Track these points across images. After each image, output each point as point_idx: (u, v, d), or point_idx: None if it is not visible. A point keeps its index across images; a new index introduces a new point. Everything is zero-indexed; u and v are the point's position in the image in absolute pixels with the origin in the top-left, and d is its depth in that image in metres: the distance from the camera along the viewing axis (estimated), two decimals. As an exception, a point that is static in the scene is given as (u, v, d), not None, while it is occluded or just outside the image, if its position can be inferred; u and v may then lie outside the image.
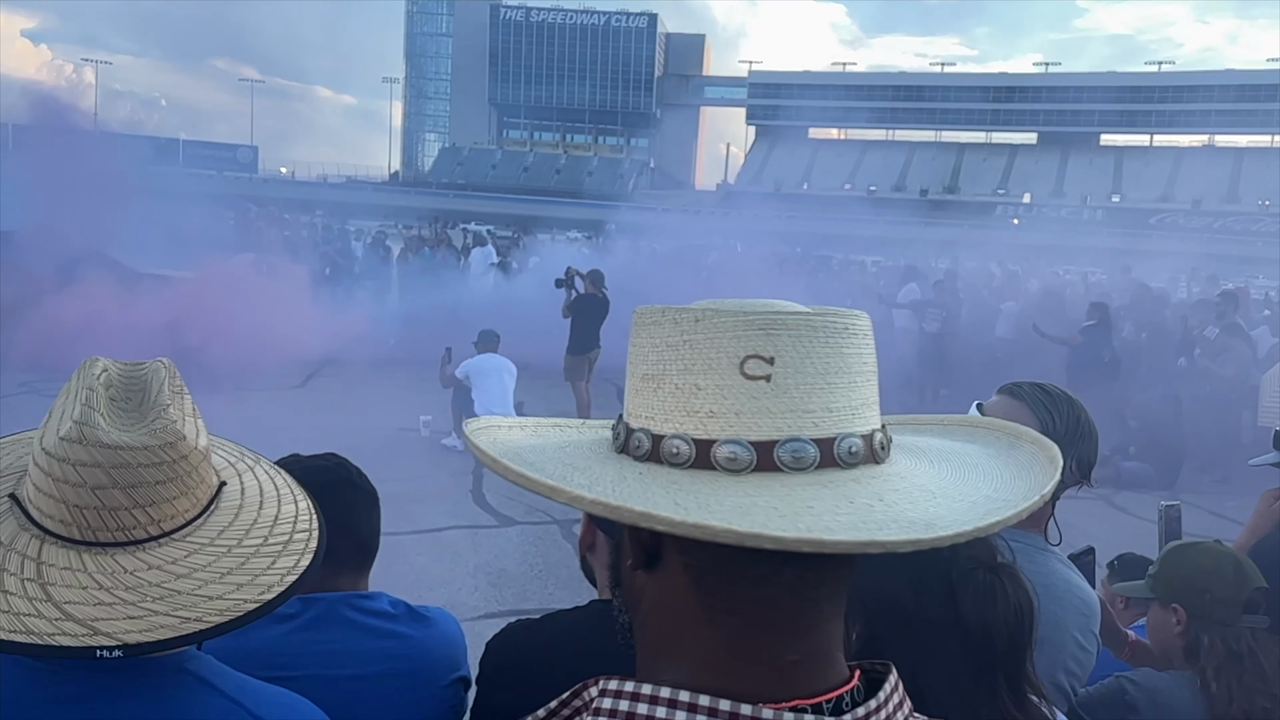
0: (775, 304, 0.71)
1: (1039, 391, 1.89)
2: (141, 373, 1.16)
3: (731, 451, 0.66)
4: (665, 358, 0.70)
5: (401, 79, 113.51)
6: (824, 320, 0.68)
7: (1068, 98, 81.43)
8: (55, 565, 1.03)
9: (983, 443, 0.80)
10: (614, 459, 0.72)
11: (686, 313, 0.69)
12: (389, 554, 5.74)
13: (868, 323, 0.71)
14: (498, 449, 0.73)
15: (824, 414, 0.67)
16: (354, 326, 11.37)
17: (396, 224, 32.64)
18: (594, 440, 0.78)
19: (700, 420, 0.67)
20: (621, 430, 0.73)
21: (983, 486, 0.70)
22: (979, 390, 9.09)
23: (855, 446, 0.68)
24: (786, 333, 0.67)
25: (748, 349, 0.67)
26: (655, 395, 0.70)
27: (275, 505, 1.21)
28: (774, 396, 0.66)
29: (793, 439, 0.66)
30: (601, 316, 9.93)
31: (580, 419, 0.89)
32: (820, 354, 0.67)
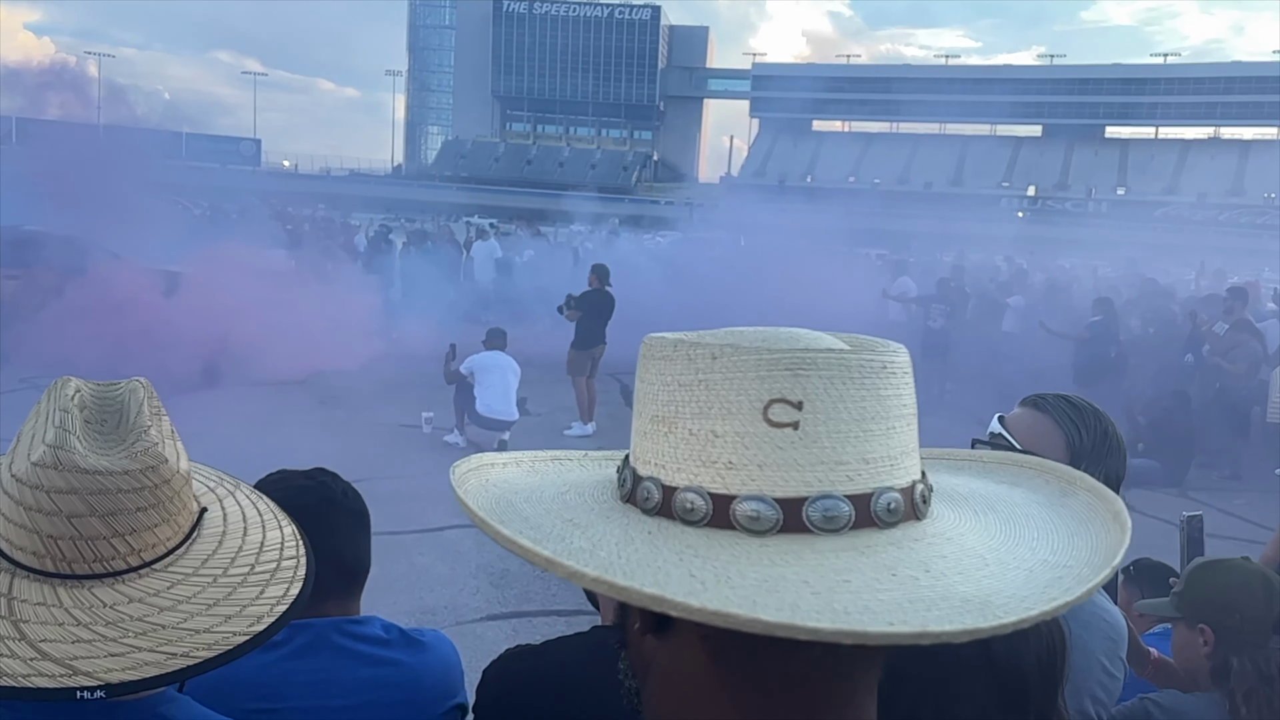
0: (802, 336, 0.62)
1: (1064, 404, 1.81)
2: (117, 393, 1.08)
3: (754, 510, 0.57)
4: (677, 398, 0.61)
5: (404, 72, 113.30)
6: (859, 359, 0.60)
7: (1073, 90, 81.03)
8: (28, 601, 0.95)
9: (1030, 487, 0.72)
10: (619, 511, 0.63)
11: (701, 348, 0.61)
12: (390, 553, 5.69)
13: (907, 359, 0.62)
14: (489, 498, 0.64)
15: (859, 466, 0.58)
16: (357, 322, 11.30)
17: (399, 217, 32.57)
18: (598, 482, 0.69)
19: (718, 472, 0.59)
20: (628, 476, 0.65)
21: (1039, 548, 0.61)
22: (985, 386, 9.05)
23: (894, 503, 0.59)
24: (817, 374, 0.58)
25: (772, 392, 0.58)
26: (666, 440, 0.61)
27: (260, 531, 1.14)
28: (802, 446, 0.58)
29: (824, 496, 0.58)
30: (608, 312, 9.86)
31: (581, 451, 0.81)
32: (855, 397, 0.59)
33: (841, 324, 3.58)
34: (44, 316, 10.31)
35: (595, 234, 26.05)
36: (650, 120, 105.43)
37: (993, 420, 1.86)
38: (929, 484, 0.63)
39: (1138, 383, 10.47)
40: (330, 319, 10.75)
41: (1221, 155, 73.02)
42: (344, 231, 21.05)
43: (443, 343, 9.28)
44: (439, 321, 12.02)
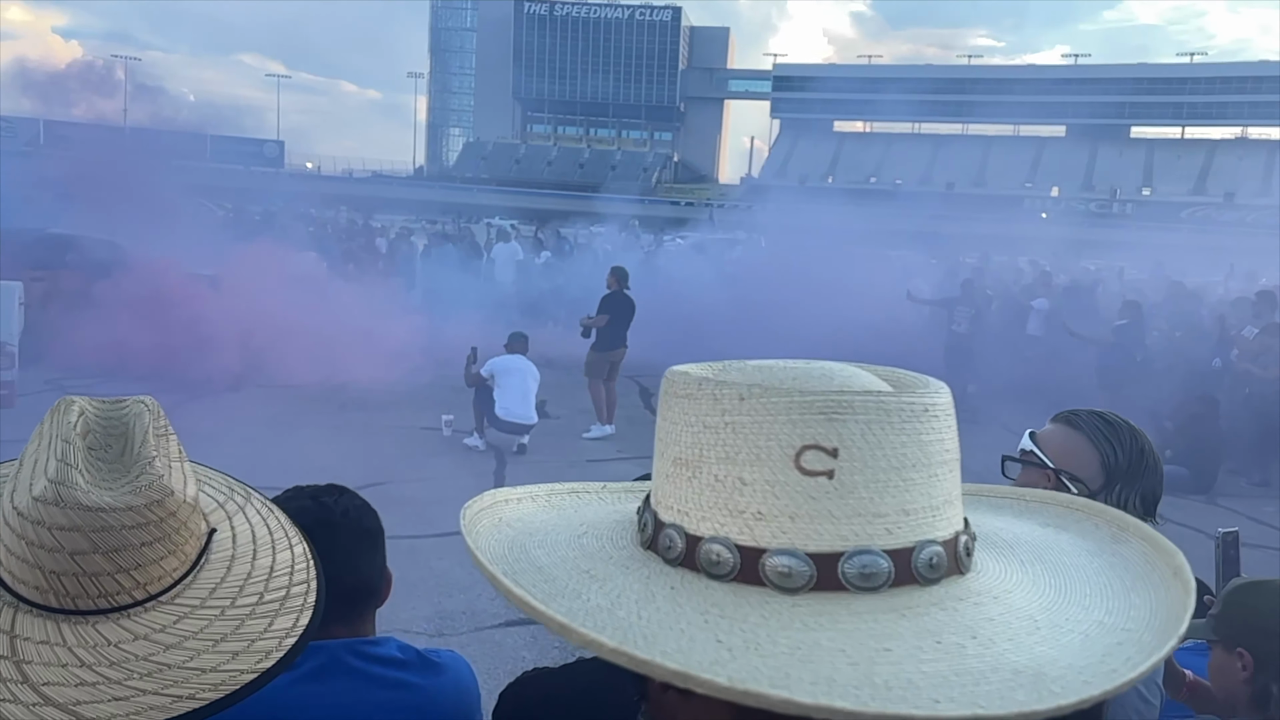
0: (835, 374, 0.58)
1: (1098, 420, 1.75)
2: (122, 414, 1.05)
3: (785, 565, 0.53)
4: (702, 441, 0.57)
5: (426, 73, 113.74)
6: (899, 402, 0.55)
7: (1097, 90, 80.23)
8: (31, 639, 0.92)
9: (1077, 531, 0.67)
10: (640, 561, 0.59)
11: (728, 387, 0.56)
12: (409, 558, 5.69)
13: (949, 399, 0.58)
14: (501, 542, 0.60)
15: (899, 518, 0.54)
16: (383, 327, 11.31)
17: (419, 219, 32.67)
18: (617, 523, 0.65)
19: (746, 523, 0.54)
20: (649, 520, 0.60)
21: (1093, 606, 0.56)
22: (1008, 390, 8.93)
23: (937, 557, 0.55)
24: (853, 418, 0.54)
25: (805, 437, 0.54)
26: (690, 485, 0.57)
27: (270, 553, 1.11)
28: (837, 497, 0.53)
29: (861, 551, 0.53)
30: (628, 315, 9.84)
31: (600, 483, 0.77)
32: (894, 444, 0.54)
33: (862, 325, 3.54)
34: (69, 319, 10.39)
35: (627, 236, 25.98)
36: (671, 121, 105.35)
37: (1023, 437, 1.80)
38: (972, 533, 0.59)
39: (1165, 387, 10.31)
40: (356, 324, 10.78)
41: (1249, 155, 72.07)
42: (365, 233, 21.11)
43: (463, 345, 9.28)
44: (459, 324, 12.02)
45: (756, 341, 11.93)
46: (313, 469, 7.43)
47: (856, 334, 11.60)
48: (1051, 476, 1.72)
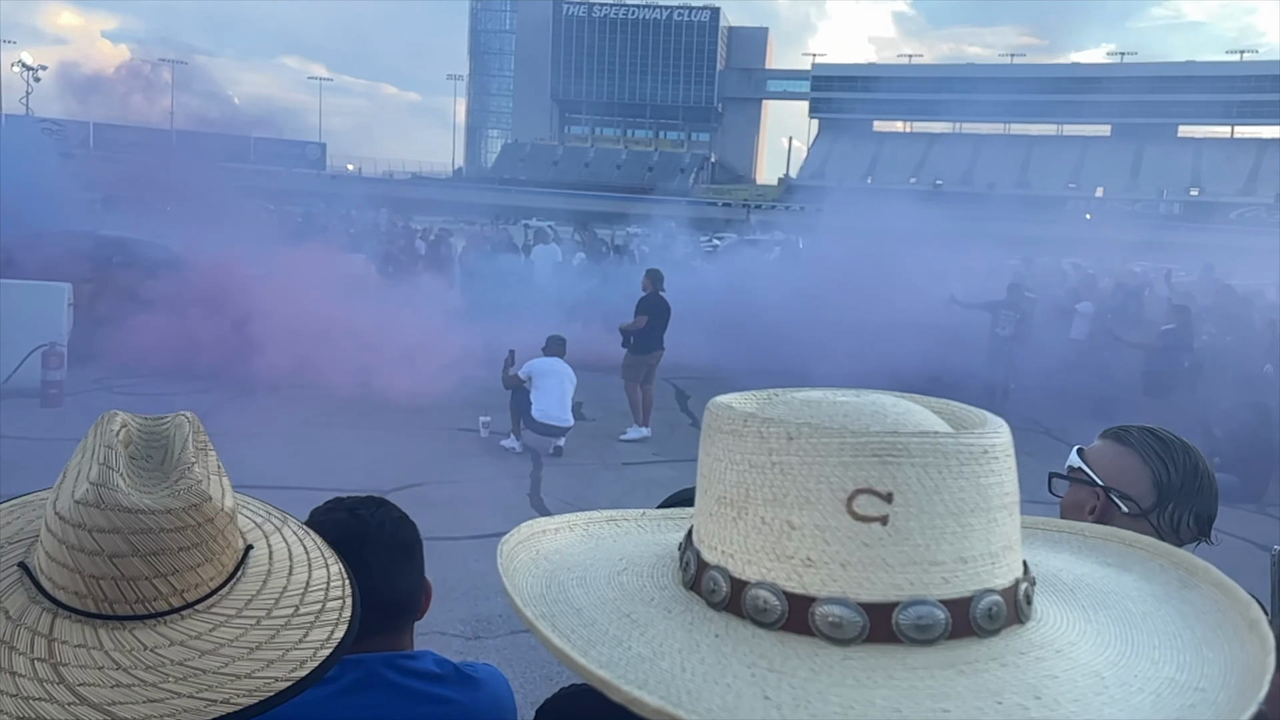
0: (888, 410, 0.55)
1: (1150, 437, 1.69)
2: (163, 428, 1.07)
3: (837, 615, 0.51)
4: (748, 480, 0.54)
5: (466, 76, 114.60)
6: (957, 444, 0.52)
7: (1143, 89, 78.78)
8: (69, 643, 0.94)
9: (1141, 573, 0.63)
10: (681, 603, 0.57)
11: (775, 425, 0.54)
12: (446, 560, 5.72)
13: (1009, 438, 0.55)
14: (539, 579, 0.59)
15: (956, 566, 0.51)
16: (418, 327, 11.38)
17: (458, 220, 32.92)
18: (657, 557, 0.63)
19: (795, 569, 0.52)
20: (691, 559, 0.58)
21: (1163, 661, 0.53)
22: (1051, 395, 8.76)
23: (996, 607, 0.52)
24: (909, 461, 0.51)
25: (857, 481, 0.51)
26: (735, 527, 0.55)
27: (306, 570, 1.11)
28: (892, 544, 0.51)
29: (917, 601, 0.51)
30: (664, 317, 9.82)
31: (639, 510, 0.75)
32: (952, 488, 0.51)
33: (904, 329, 3.45)
34: (116, 319, 10.58)
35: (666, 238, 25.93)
36: (708, 122, 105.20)
37: (1071, 453, 1.75)
38: (1032, 578, 0.56)
39: (1214, 394, 10.09)
40: (395, 325, 10.85)
41: (1302, 155, 70.37)
42: (405, 235, 21.28)
43: (501, 347, 9.32)
44: (497, 326, 12.08)
45: (799, 346, 11.87)
46: (351, 469, 7.52)
47: (899, 338, 11.48)
48: (1100, 495, 1.67)
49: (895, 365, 11.04)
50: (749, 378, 10.46)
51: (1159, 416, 7.66)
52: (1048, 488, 1.73)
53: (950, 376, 11.25)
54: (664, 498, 5.62)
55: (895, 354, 11.30)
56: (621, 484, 7.91)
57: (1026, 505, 0.58)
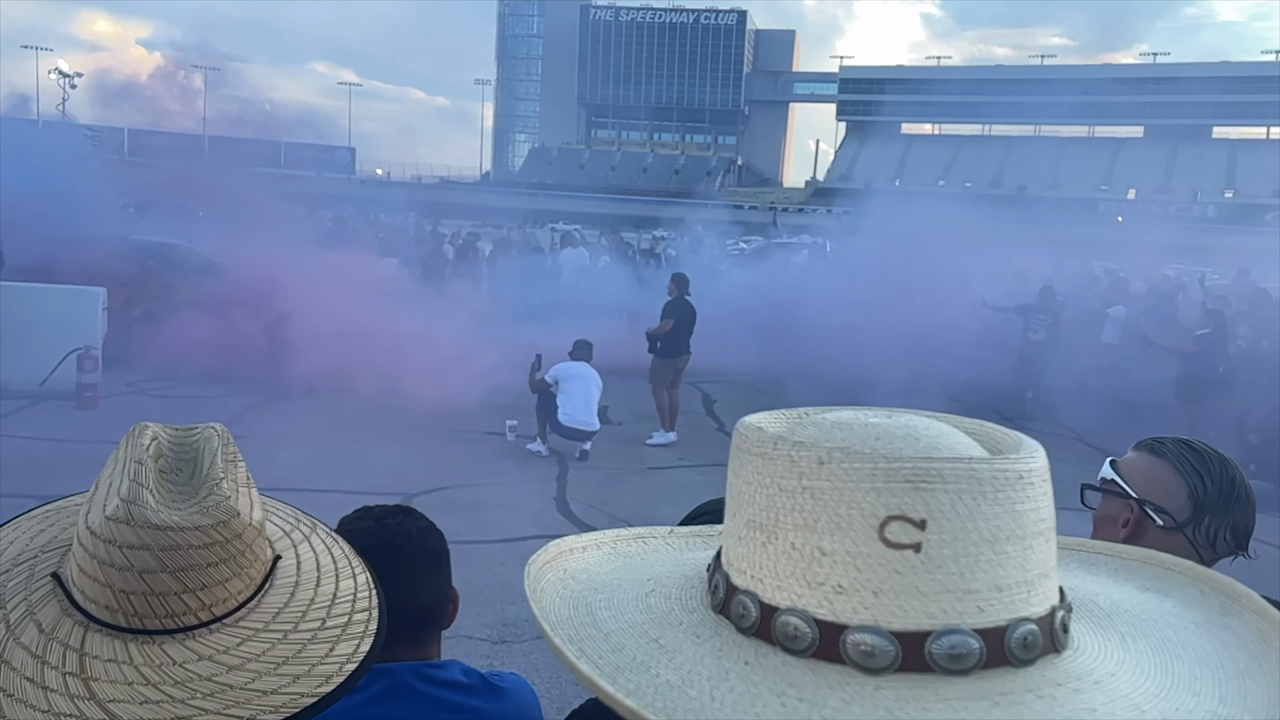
0: (921, 433, 0.54)
1: (1185, 449, 1.66)
2: (193, 440, 1.07)
3: (869, 644, 0.50)
4: (778, 505, 0.53)
5: (493, 80, 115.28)
6: (992, 470, 0.51)
7: (1177, 89, 77.82)
8: (100, 657, 0.94)
9: (1180, 599, 0.62)
10: (710, 628, 0.56)
11: (806, 449, 0.53)
12: (473, 563, 5.73)
13: (1044, 462, 0.54)
14: (567, 601, 0.58)
15: (991, 595, 0.50)
16: (446, 330, 11.45)
17: (485, 224, 33.11)
18: (685, 578, 0.62)
19: (826, 595, 0.51)
20: (720, 583, 0.57)
21: (1204, 693, 0.51)
22: (1083, 400, 8.61)
23: (1032, 636, 0.51)
24: (943, 488, 0.50)
25: (890, 507, 0.50)
26: (764, 551, 0.54)
27: (333, 581, 1.11)
28: (925, 572, 0.50)
29: (951, 630, 0.50)
30: (691, 321, 9.82)
31: (667, 528, 0.74)
32: (987, 515, 0.50)
33: (934, 332, 3.40)
34: (150, 323, 10.72)
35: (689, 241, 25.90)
36: (735, 125, 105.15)
37: (1104, 465, 1.72)
38: (1068, 605, 0.55)
39: (1249, 399, 9.92)
40: (423, 328, 10.92)
41: (1339, 156, 69.18)
42: (433, 239, 21.40)
43: (528, 350, 9.34)
44: (524, 329, 12.11)
45: (829, 350, 11.82)
46: (379, 473, 7.57)
47: (929, 342, 11.40)
48: (1135, 507, 1.64)
49: (924, 369, 10.97)
50: (777, 383, 10.42)
51: (1193, 422, 7.59)
52: (1080, 499, 1.71)
53: (980, 381, 11.16)
54: (689, 504, 5.59)
55: (925, 358, 11.23)
56: (647, 489, 7.90)
57: (1058, 513, 0.57)
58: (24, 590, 0.98)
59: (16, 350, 9.09)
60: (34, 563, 1.01)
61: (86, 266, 10.52)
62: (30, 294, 9.59)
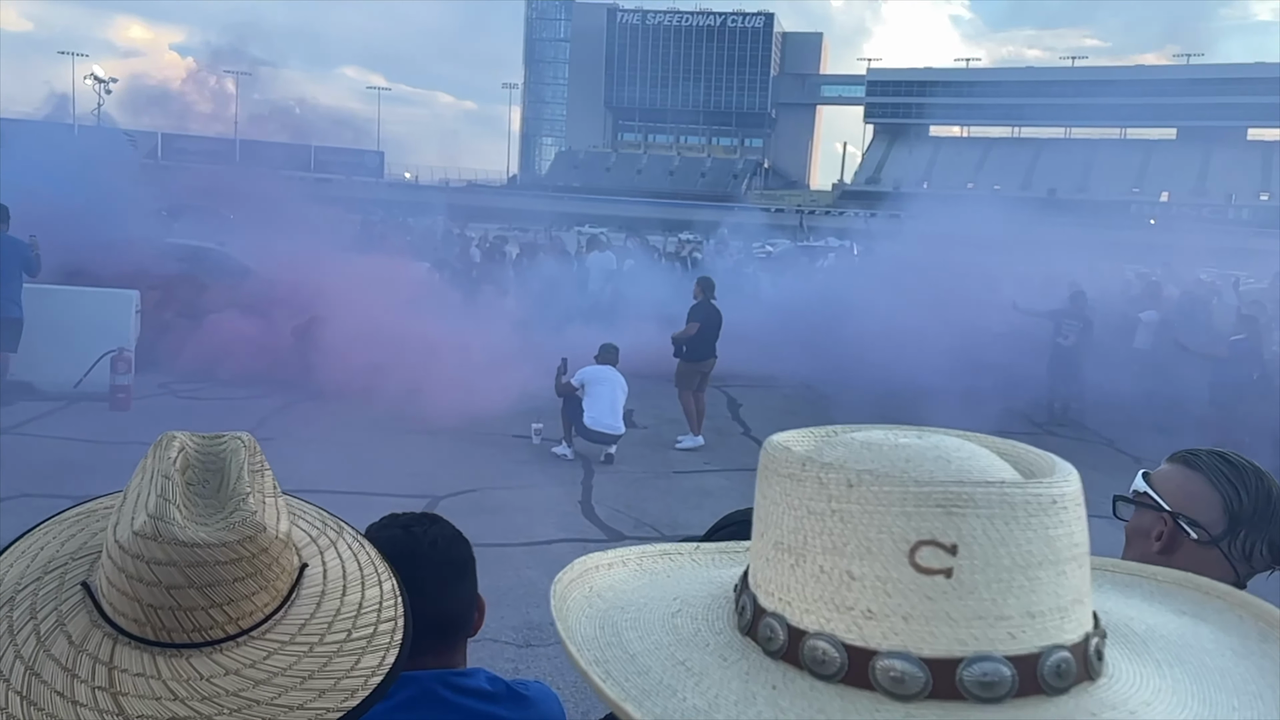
0: (952, 456, 0.53)
1: (1220, 461, 1.63)
2: (220, 450, 1.08)
3: (898, 669, 0.49)
4: (806, 527, 0.53)
5: (520, 84, 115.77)
6: (1024, 494, 0.50)
7: (1211, 91, 76.75)
8: (128, 671, 0.95)
9: (1218, 624, 0.60)
10: (738, 651, 0.55)
11: (835, 471, 0.52)
12: (498, 566, 5.73)
13: (1078, 486, 0.53)
14: (593, 621, 0.58)
15: (1023, 621, 0.49)
16: (473, 333, 11.50)
17: (512, 227, 33.25)
18: (712, 598, 0.62)
19: (855, 620, 0.51)
20: (747, 604, 0.57)
21: None
22: (1115, 407, 8.48)
23: (1065, 664, 0.50)
24: (974, 512, 0.49)
25: (920, 532, 0.50)
26: (793, 574, 0.53)
27: (359, 589, 1.11)
28: (956, 597, 0.49)
29: (982, 657, 0.49)
30: (717, 325, 9.80)
31: (693, 544, 0.74)
32: (1019, 540, 0.50)
33: (964, 336, 3.36)
34: (182, 325, 10.85)
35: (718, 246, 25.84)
36: (762, 127, 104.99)
37: (1136, 477, 1.70)
38: (1103, 631, 0.54)
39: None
40: (451, 332, 10.98)
41: (1379, 157, 67.94)
42: (460, 243, 21.51)
43: (554, 354, 9.36)
44: (551, 333, 12.14)
45: (857, 354, 11.76)
46: (405, 475, 7.61)
47: (958, 346, 11.31)
48: (1168, 521, 1.61)
49: (953, 374, 10.88)
50: (805, 387, 10.36)
51: (1227, 429, 7.46)
52: (1112, 510, 1.68)
53: (1009, 387, 11.04)
54: (715, 508, 5.66)
55: (954, 363, 11.14)
56: (673, 493, 7.89)
57: (1090, 520, 0.56)
58: (55, 599, 0.98)
59: (52, 352, 9.24)
60: (64, 570, 1.02)
61: (120, 269, 10.67)
62: (65, 296, 9.73)
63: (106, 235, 11.33)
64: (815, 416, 11.20)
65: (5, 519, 6.15)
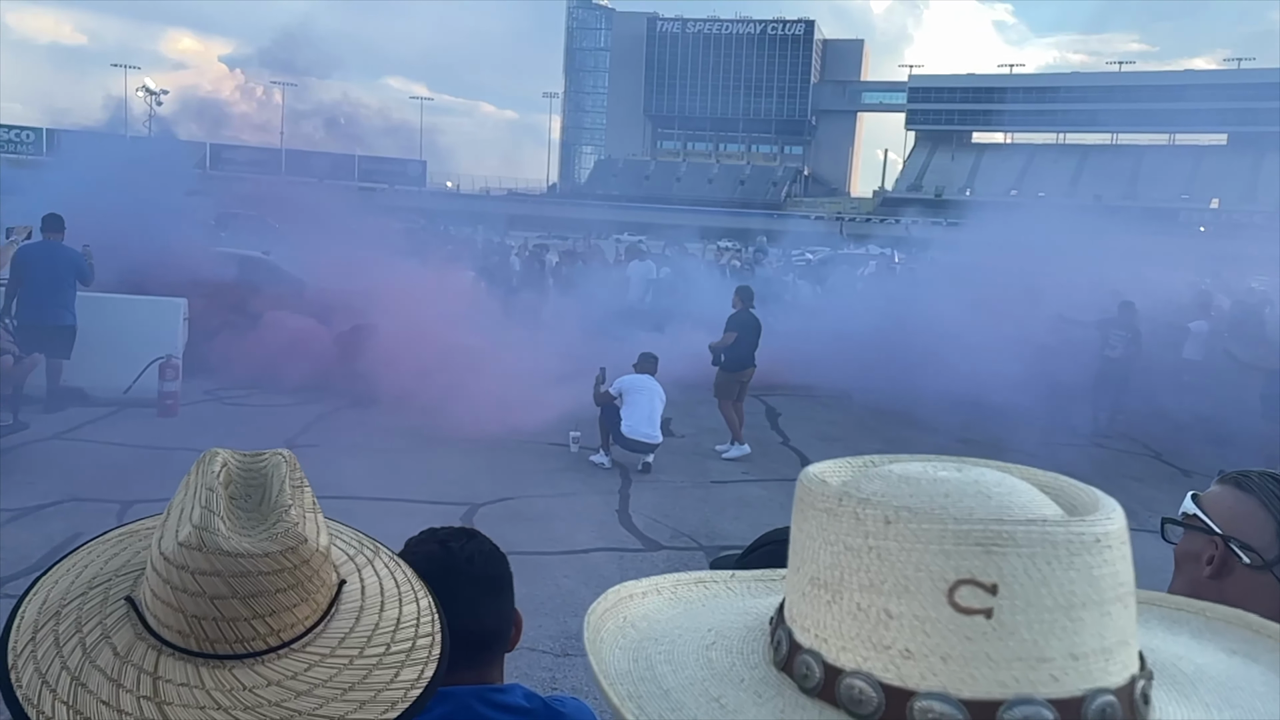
0: (992, 492, 0.52)
1: (1273, 483, 1.57)
2: (261, 465, 1.10)
3: (937, 712, 0.48)
4: (843, 563, 0.52)
5: (561, 93, 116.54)
6: (1067, 533, 0.49)
7: (1262, 95, 75.07)
8: (173, 681, 0.97)
9: (1269, 664, 0.59)
10: (773, 687, 0.55)
11: (872, 507, 0.52)
12: (536, 574, 5.74)
13: (1123, 523, 0.52)
14: (626, 652, 0.57)
15: (1066, 663, 0.48)
16: (511, 341, 11.56)
17: (551, 235, 33.45)
18: (747, 629, 0.61)
19: (892, 659, 0.50)
20: (783, 638, 0.56)
21: None
22: (1162, 419, 8.28)
23: (1110, 708, 0.49)
24: (1015, 551, 0.48)
25: (959, 571, 0.49)
26: (829, 611, 0.53)
27: (396, 606, 1.13)
28: (997, 638, 0.48)
29: (1023, 700, 0.48)
30: (755, 334, 9.77)
31: (729, 571, 0.73)
32: (1061, 579, 0.49)
33: (1007, 346, 3.31)
34: (228, 334, 11.03)
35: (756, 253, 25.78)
36: (801, 135, 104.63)
37: (1185, 499, 1.65)
38: (1149, 673, 0.52)
39: (1342, 419, 9.49)
40: (490, 339, 11.04)
41: None
42: (500, 251, 21.66)
43: (592, 362, 9.38)
44: (589, 341, 12.18)
45: (903, 363, 11.66)
46: (445, 482, 7.66)
47: (1004, 356, 11.16)
48: (1219, 544, 1.57)
49: (992, 383, 10.74)
50: (844, 395, 10.25)
51: (1278, 443, 7.20)
52: (1160, 533, 1.64)
53: (1054, 398, 10.86)
54: (753, 518, 5.61)
55: (993, 372, 10.99)
56: (710, 502, 7.86)
57: (1135, 535, 0.55)
58: (99, 613, 1.00)
59: (102, 359, 9.43)
60: (108, 585, 1.04)
61: (170, 277, 10.88)
62: (115, 304, 9.93)
63: (158, 244, 11.55)
64: (855, 427, 11.14)
65: (56, 522, 6.30)
